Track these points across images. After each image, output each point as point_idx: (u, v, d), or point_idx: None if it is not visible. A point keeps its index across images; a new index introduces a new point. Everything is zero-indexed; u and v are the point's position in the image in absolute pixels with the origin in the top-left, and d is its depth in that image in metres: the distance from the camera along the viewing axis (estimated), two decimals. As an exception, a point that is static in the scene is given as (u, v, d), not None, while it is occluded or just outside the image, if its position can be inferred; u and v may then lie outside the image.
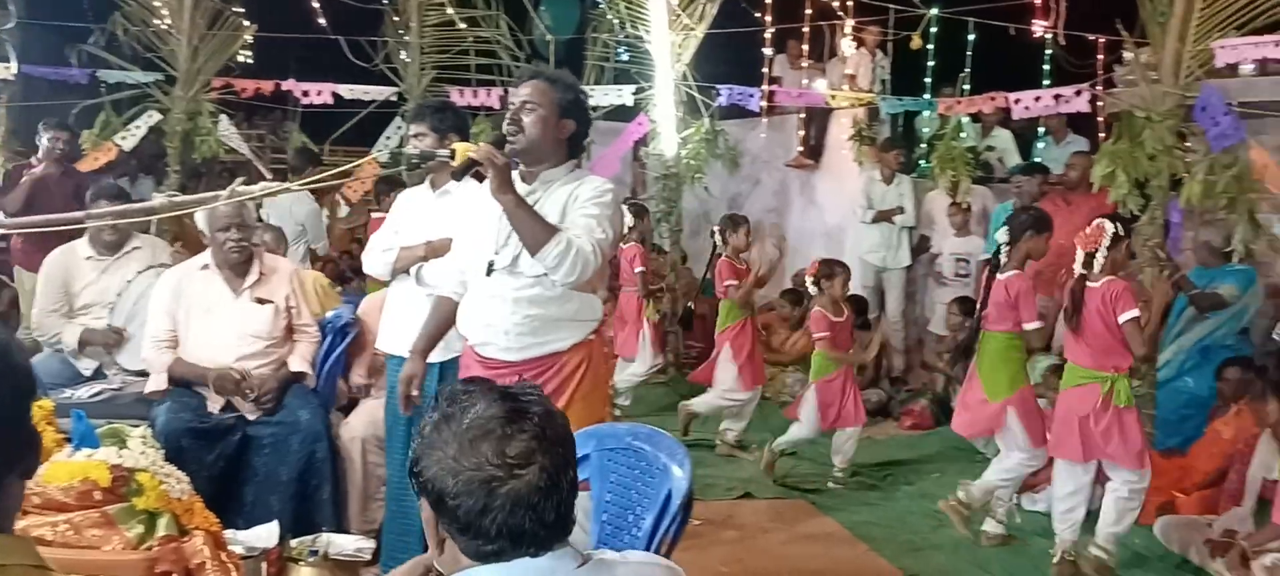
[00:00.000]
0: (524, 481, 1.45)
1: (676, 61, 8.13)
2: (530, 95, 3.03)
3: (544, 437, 1.49)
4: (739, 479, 5.72)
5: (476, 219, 3.20)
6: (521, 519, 1.46)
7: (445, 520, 1.50)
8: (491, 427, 1.47)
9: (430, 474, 1.49)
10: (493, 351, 3.12)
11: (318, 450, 4.02)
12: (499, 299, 3.09)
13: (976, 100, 7.89)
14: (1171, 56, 5.28)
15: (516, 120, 3.02)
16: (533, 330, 3.07)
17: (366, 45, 8.48)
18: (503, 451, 1.46)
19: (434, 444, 1.49)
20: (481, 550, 1.48)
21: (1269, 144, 5.68)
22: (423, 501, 1.53)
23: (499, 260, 3.07)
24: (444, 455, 1.47)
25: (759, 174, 10.13)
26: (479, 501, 1.45)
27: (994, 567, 4.60)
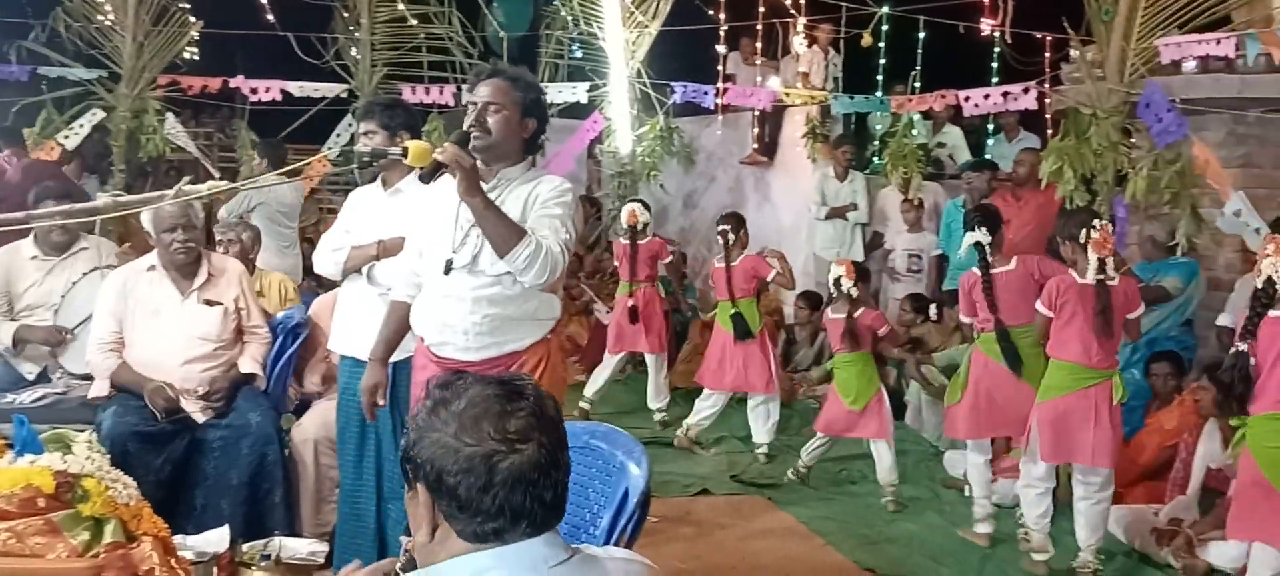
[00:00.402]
0: (525, 456, 1.48)
1: (631, 59, 8.14)
2: (493, 95, 3.02)
3: (541, 415, 1.52)
4: (697, 475, 5.74)
5: (430, 218, 3.17)
6: (522, 496, 1.47)
7: (444, 501, 1.50)
8: (490, 405, 1.50)
9: (428, 455, 1.50)
10: (450, 351, 3.10)
11: (269, 453, 3.96)
12: (457, 298, 3.07)
13: (927, 98, 7.98)
14: (1116, 54, 5.38)
15: (481, 121, 3.00)
16: (491, 329, 3.05)
17: (316, 42, 8.37)
18: (504, 427, 1.48)
19: (431, 426, 1.51)
20: (481, 529, 1.49)
21: (1210, 140, 5.82)
22: (417, 487, 1.53)
23: (458, 259, 3.05)
24: (443, 436, 1.49)
25: (714, 171, 10.17)
26: (481, 478, 1.46)
27: (947, 559, 4.66)
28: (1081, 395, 4.27)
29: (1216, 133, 6.07)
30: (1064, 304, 4.28)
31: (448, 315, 3.08)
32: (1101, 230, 4.23)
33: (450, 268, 3.05)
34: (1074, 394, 4.28)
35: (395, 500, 3.70)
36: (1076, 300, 4.25)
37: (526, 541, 1.50)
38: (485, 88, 3.04)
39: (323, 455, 4.14)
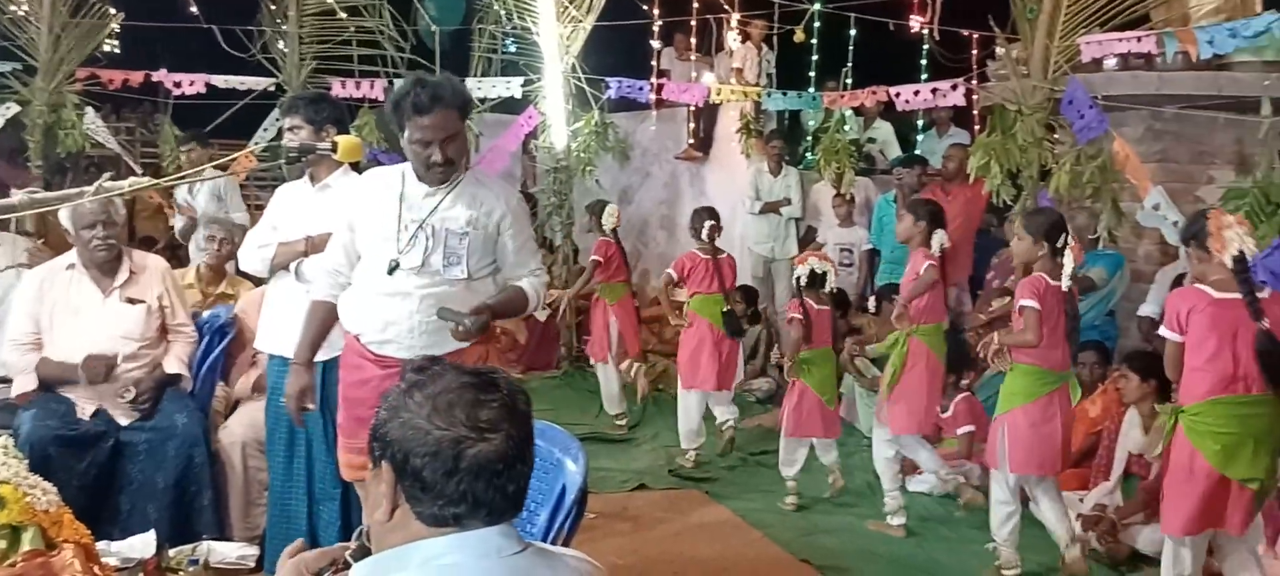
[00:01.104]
0: (493, 446, 1.49)
1: (565, 54, 8.10)
2: (448, 126, 2.97)
3: (513, 408, 1.53)
4: (634, 470, 5.74)
5: (363, 217, 3.13)
6: (485, 484, 1.49)
7: (408, 482, 1.51)
8: (464, 393, 1.52)
9: (397, 434, 1.51)
10: (393, 349, 3.07)
11: (196, 455, 3.88)
12: (402, 296, 3.05)
13: (859, 94, 8.10)
14: (1040, 52, 5.51)
15: (446, 157, 2.98)
16: (437, 327, 3.04)
17: (242, 35, 8.18)
18: (475, 416, 1.50)
19: (404, 407, 1.52)
20: (442, 513, 1.50)
21: (1130, 136, 5.99)
22: (382, 466, 1.53)
23: (406, 260, 3.04)
24: (415, 417, 1.50)
25: (649, 166, 10.19)
26: (447, 463, 1.48)
27: (881, 549, 4.73)
28: (1045, 402, 4.21)
29: (1135, 129, 6.26)
30: (1045, 307, 4.14)
31: (392, 313, 3.06)
32: (1075, 236, 4.22)
33: (395, 268, 3.04)
34: (1038, 400, 4.20)
35: (327, 501, 3.65)
36: (1055, 304, 4.16)
37: (484, 529, 1.51)
38: (435, 119, 2.94)
39: (251, 457, 4.06)
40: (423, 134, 2.96)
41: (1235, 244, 3.47)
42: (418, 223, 3.03)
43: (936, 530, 4.95)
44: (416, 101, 2.94)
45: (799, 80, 9.10)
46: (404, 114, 2.97)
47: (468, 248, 3.06)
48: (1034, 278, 4.21)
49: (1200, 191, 6.29)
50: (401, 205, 3.05)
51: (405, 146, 3.04)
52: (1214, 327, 3.55)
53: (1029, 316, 4.13)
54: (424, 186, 3.06)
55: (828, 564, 4.52)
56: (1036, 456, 4.23)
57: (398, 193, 3.07)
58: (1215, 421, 3.56)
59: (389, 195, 3.08)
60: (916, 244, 4.87)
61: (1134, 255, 6.54)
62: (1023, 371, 4.23)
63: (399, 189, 3.08)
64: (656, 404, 6.81)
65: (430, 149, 2.97)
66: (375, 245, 3.10)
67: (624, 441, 6.41)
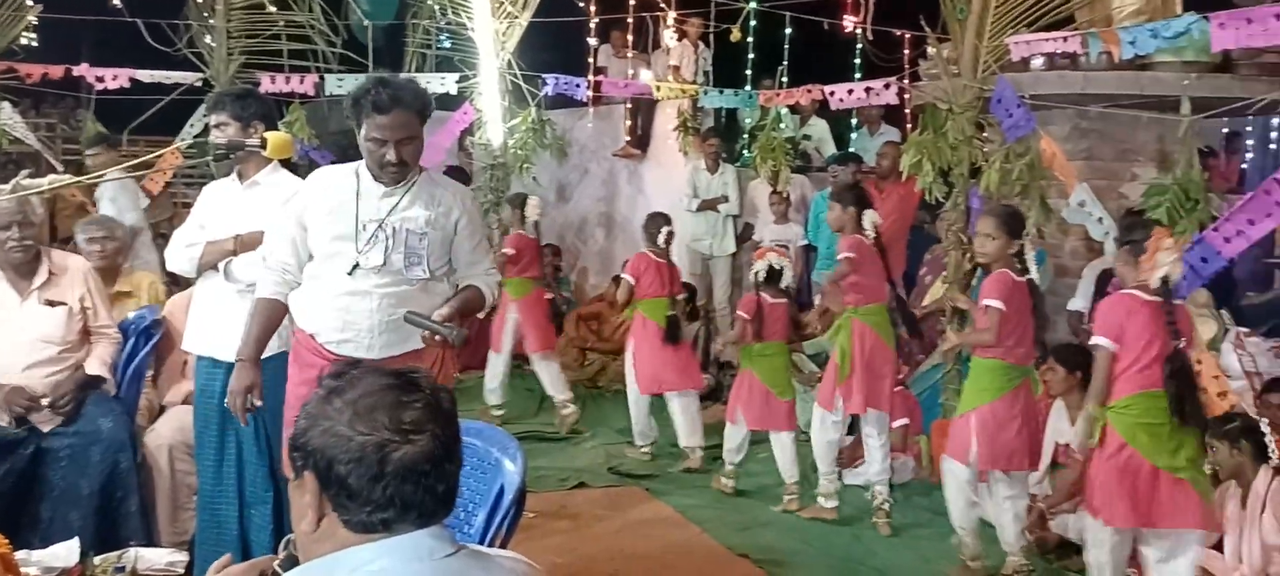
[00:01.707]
0: (418, 448, 1.47)
1: (501, 50, 8.03)
2: (405, 127, 2.99)
3: (437, 408, 1.51)
4: (573, 469, 5.73)
5: (317, 214, 3.11)
6: (413, 487, 1.47)
7: (333, 490, 1.48)
8: (385, 396, 1.49)
9: (319, 443, 1.48)
10: (352, 349, 3.07)
11: (121, 460, 3.78)
12: (362, 295, 3.06)
13: (794, 92, 8.17)
14: (970, 52, 5.60)
15: (400, 158, 2.99)
16: (397, 326, 3.06)
17: (167, 28, 7.97)
18: (398, 418, 1.47)
19: (324, 415, 1.49)
20: (370, 519, 1.47)
21: (1056, 134, 6.12)
22: (305, 476, 1.50)
23: (366, 260, 3.05)
24: (335, 424, 1.47)
25: (587, 164, 10.16)
26: (372, 468, 1.45)
27: (817, 542, 4.78)
28: (1012, 397, 4.28)
29: (1062, 127, 6.40)
30: (1013, 305, 4.20)
31: (351, 314, 3.07)
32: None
33: (355, 268, 3.05)
34: (1006, 396, 4.27)
35: (258, 505, 3.58)
36: (1020, 300, 4.22)
37: (414, 533, 1.49)
38: (393, 119, 2.95)
39: (179, 460, 3.97)
40: (380, 133, 2.97)
41: (1164, 267, 3.61)
42: (377, 223, 3.04)
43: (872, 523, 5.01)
44: (376, 100, 2.95)
45: (735, 78, 9.16)
46: (362, 111, 2.98)
47: (427, 248, 3.09)
48: (999, 275, 4.26)
49: (1124, 188, 6.46)
50: (358, 204, 3.05)
51: (360, 143, 3.05)
52: (1146, 328, 3.65)
53: (993, 316, 4.20)
54: (381, 186, 3.07)
55: (766, 558, 4.55)
56: (1005, 451, 4.29)
57: (354, 191, 3.07)
58: (1143, 413, 3.65)
59: (344, 194, 3.08)
60: (850, 230, 5.00)
61: (1061, 251, 6.69)
62: (988, 367, 4.29)
63: (354, 188, 3.08)
64: (596, 400, 6.79)
65: (385, 148, 2.98)
66: (330, 244, 3.09)
67: (563, 439, 6.39)
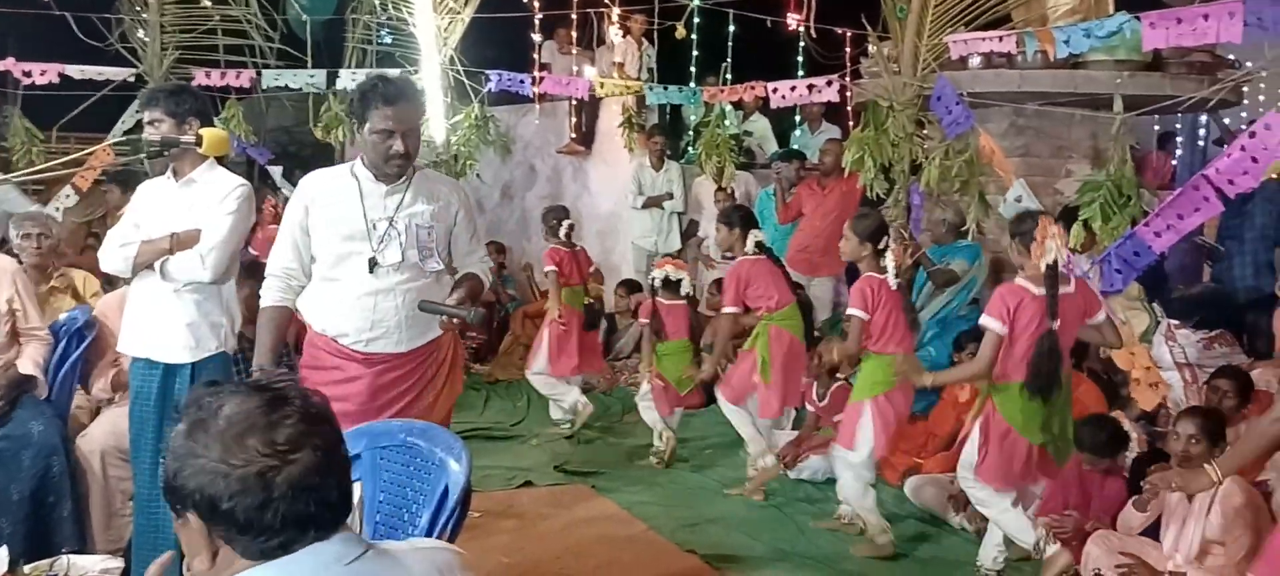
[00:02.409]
0: (300, 464, 1.41)
1: (443, 46, 7.96)
2: (411, 119, 3.16)
3: (310, 417, 1.45)
4: (519, 468, 5.70)
5: (320, 218, 3.19)
6: (305, 503, 1.41)
7: (221, 527, 1.42)
8: (254, 419, 1.41)
9: (195, 483, 1.40)
10: (382, 346, 3.20)
11: (53, 464, 3.69)
12: (387, 292, 3.18)
13: (737, 89, 8.21)
14: (910, 50, 5.69)
15: (406, 149, 3.12)
16: (422, 320, 3.20)
17: (99, 23, 7.77)
18: (272, 440, 1.40)
19: (192, 452, 1.41)
20: (266, 546, 1.42)
21: (994, 131, 6.24)
22: (187, 516, 1.43)
23: (384, 257, 3.14)
24: (207, 460, 1.40)
25: (532, 160, 10.11)
26: (257, 497, 1.39)
27: (763, 536, 4.81)
28: (903, 387, 4.53)
29: (999, 124, 6.52)
30: (880, 302, 4.49)
31: (379, 311, 3.18)
32: (903, 241, 4.54)
33: (375, 265, 3.15)
34: (900, 387, 4.52)
35: (198, 509, 3.50)
36: (889, 298, 4.50)
37: (316, 545, 1.44)
38: (401, 111, 3.09)
39: (113, 465, 3.87)
40: (388, 124, 3.08)
41: (1052, 253, 3.83)
42: (387, 220, 3.16)
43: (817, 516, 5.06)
44: (386, 92, 3.09)
45: (679, 75, 9.17)
46: (371, 104, 3.09)
47: (435, 240, 3.24)
48: (863, 280, 4.58)
49: (1059, 184, 6.60)
50: (364, 204, 3.16)
51: (363, 138, 3.15)
52: (1032, 320, 3.92)
53: (853, 325, 4.53)
54: (383, 185, 3.18)
55: (713, 553, 4.57)
56: (890, 438, 4.59)
57: (356, 192, 3.17)
58: (1028, 399, 3.97)
59: (347, 196, 3.17)
60: (738, 251, 5.26)
61: (998, 246, 6.81)
62: (881, 362, 4.51)
63: (356, 189, 3.17)
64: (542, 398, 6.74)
65: (393, 139, 3.08)
66: (341, 246, 3.18)
67: (509, 438, 6.36)
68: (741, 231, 5.24)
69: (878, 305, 4.48)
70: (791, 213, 7.35)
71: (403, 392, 3.25)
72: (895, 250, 4.56)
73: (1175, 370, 5.10)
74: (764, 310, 5.18)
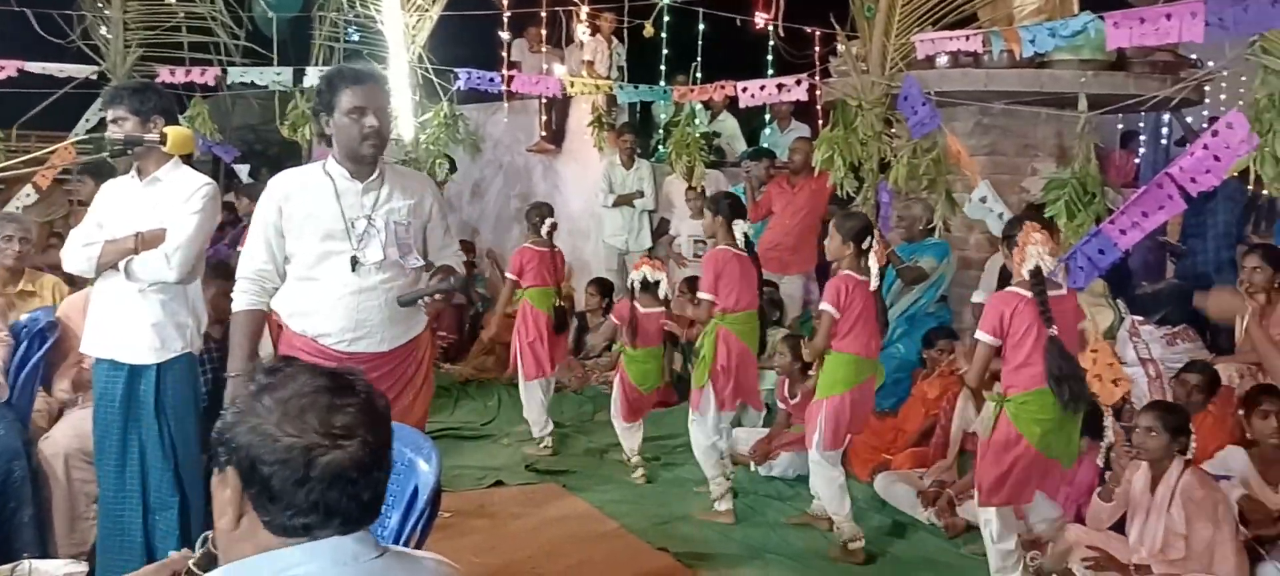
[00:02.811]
0: (347, 453, 1.43)
1: (411, 43, 7.91)
2: (381, 101, 3.14)
3: (371, 412, 1.47)
4: (490, 467, 5.68)
5: (296, 217, 3.13)
6: (339, 493, 1.43)
7: (255, 490, 1.43)
8: (319, 398, 1.44)
9: (245, 439, 1.43)
10: (365, 345, 3.17)
11: (15, 469, 3.64)
12: (371, 291, 3.15)
13: (707, 88, 8.22)
14: (878, 49, 5.72)
15: (378, 128, 3.09)
16: (403, 319, 3.21)
17: (60, 19, 7.64)
18: (329, 421, 1.43)
19: (253, 411, 1.44)
20: (290, 523, 1.43)
21: (960, 130, 6.29)
22: (227, 471, 1.45)
23: (366, 255, 3.12)
24: (264, 422, 1.42)
25: (502, 159, 10.08)
26: (297, 471, 1.41)
27: (735, 534, 4.83)
28: (862, 388, 4.53)
29: (966, 123, 6.57)
30: (853, 302, 4.45)
31: (363, 310, 3.15)
32: (879, 241, 4.51)
33: (357, 264, 3.11)
34: (857, 387, 4.50)
35: (163, 510, 3.47)
36: (863, 299, 4.46)
37: (338, 538, 1.45)
38: (368, 93, 3.08)
39: (76, 468, 3.81)
40: (359, 100, 3.06)
41: (1033, 259, 3.76)
42: (366, 218, 3.13)
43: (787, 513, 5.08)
44: (351, 74, 3.11)
45: (650, 74, 9.17)
46: (337, 88, 3.07)
47: (413, 236, 3.23)
48: (839, 278, 4.52)
49: (1025, 182, 6.66)
50: (340, 203, 3.12)
51: (334, 127, 3.10)
52: (1029, 327, 3.78)
53: (824, 321, 4.48)
54: (358, 182, 3.15)
55: (686, 551, 4.58)
56: (842, 435, 4.57)
57: (331, 191, 3.13)
58: (1039, 410, 3.79)
59: (322, 194, 3.13)
60: (721, 239, 4.99)
61: (965, 244, 6.87)
62: (843, 360, 4.50)
63: (331, 187, 3.13)
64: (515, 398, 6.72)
65: (366, 117, 3.06)
66: (319, 246, 3.13)
67: (480, 437, 6.33)
68: (726, 220, 5.00)
69: (850, 304, 4.46)
70: (761, 211, 7.38)
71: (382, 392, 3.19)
72: (878, 252, 4.51)
73: (1139, 365, 5.17)
74: (721, 308, 4.94)
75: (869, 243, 4.50)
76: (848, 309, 4.46)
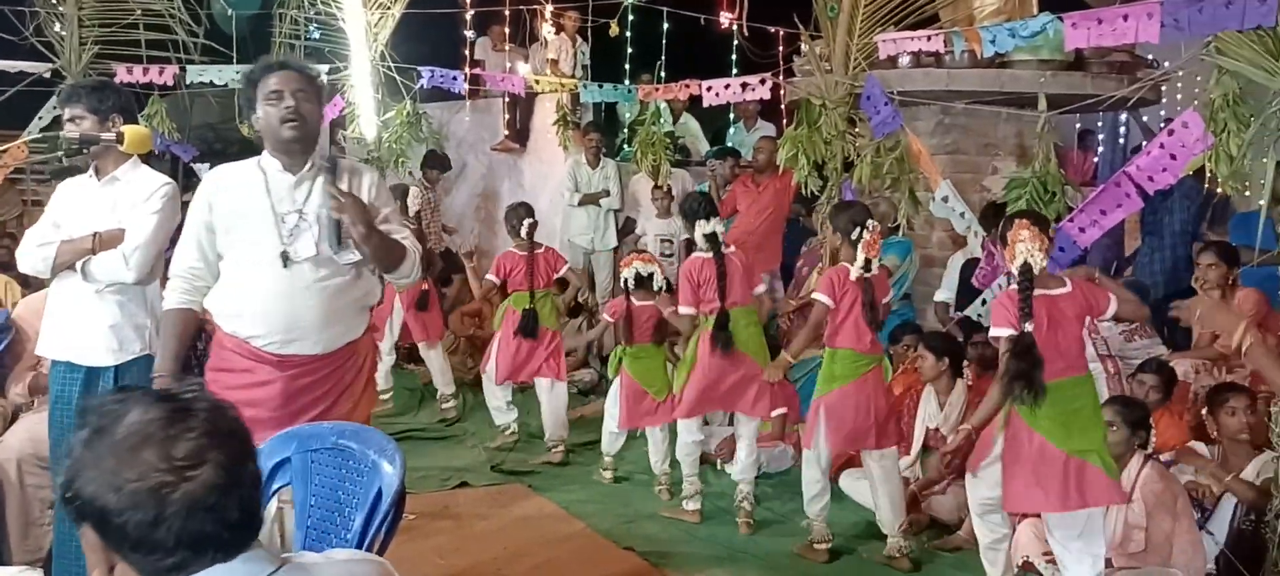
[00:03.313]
0: (198, 481, 1.34)
1: (373, 41, 7.84)
2: (301, 84, 3.00)
3: (214, 432, 1.38)
4: (454, 468, 5.65)
5: (228, 213, 3.02)
6: (201, 522, 1.34)
7: (113, 542, 1.35)
8: (151, 431, 1.35)
9: (88, 493, 1.34)
10: (300, 348, 3.00)
11: (-34, 475, 3.53)
12: (304, 290, 2.98)
13: (671, 87, 8.23)
14: (841, 49, 5.75)
15: (297, 112, 2.96)
16: (340, 319, 3.05)
17: (12, 15, 7.49)
18: (169, 454, 1.34)
19: (87, 462, 1.35)
20: (160, 566, 1.35)
21: (922, 129, 6.35)
22: (84, 527, 1.37)
23: (296, 251, 2.96)
24: (101, 471, 1.33)
25: (465, 158, 10.03)
26: (149, 513, 1.32)
27: (701, 532, 4.84)
28: (860, 382, 4.43)
29: (928, 122, 6.63)
30: (845, 294, 4.39)
31: (296, 312, 2.98)
32: (872, 232, 4.39)
33: (287, 260, 2.95)
34: (853, 382, 4.42)
35: (121, 517, 3.40)
36: (854, 291, 4.39)
37: (215, 568, 1.37)
38: (286, 78, 2.98)
39: (30, 474, 3.75)
40: (275, 84, 2.95)
41: (1022, 255, 3.65)
42: (298, 212, 2.98)
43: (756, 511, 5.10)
44: (269, 63, 3.03)
45: (614, 73, 9.17)
46: (257, 79, 2.99)
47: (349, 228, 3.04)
48: (835, 270, 4.46)
49: (987, 181, 6.74)
50: (271, 197, 2.99)
51: (259, 120, 3.01)
52: (1042, 319, 3.63)
53: (817, 310, 4.45)
54: (290, 176, 3.02)
55: (652, 549, 4.58)
56: (854, 433, 4.45)
57: (263, 185, 3.00)
58: (1049, 402, 3.61)
59: (253, 189, 3.01)
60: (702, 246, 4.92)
61: (928, 243, 6.94)
62: (840, 356, 4.44)
63: (263, 182, 3.01)
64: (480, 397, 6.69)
65: (283, 100, 2.94)
66: (248, 243, 3.00)
67: (445, 438, 6.30)
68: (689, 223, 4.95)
69: (843, 296, 4.38)
70: (726, 210, 7.39)
71: (318, 398, 3.05)
72: (867, 241, 4.36)
73: (1099, 361, 5.24)
74: (705, 313, 4.89)
75: (859, 232, 4.38)
76: (842, 300, 4.38)
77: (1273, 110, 3.86)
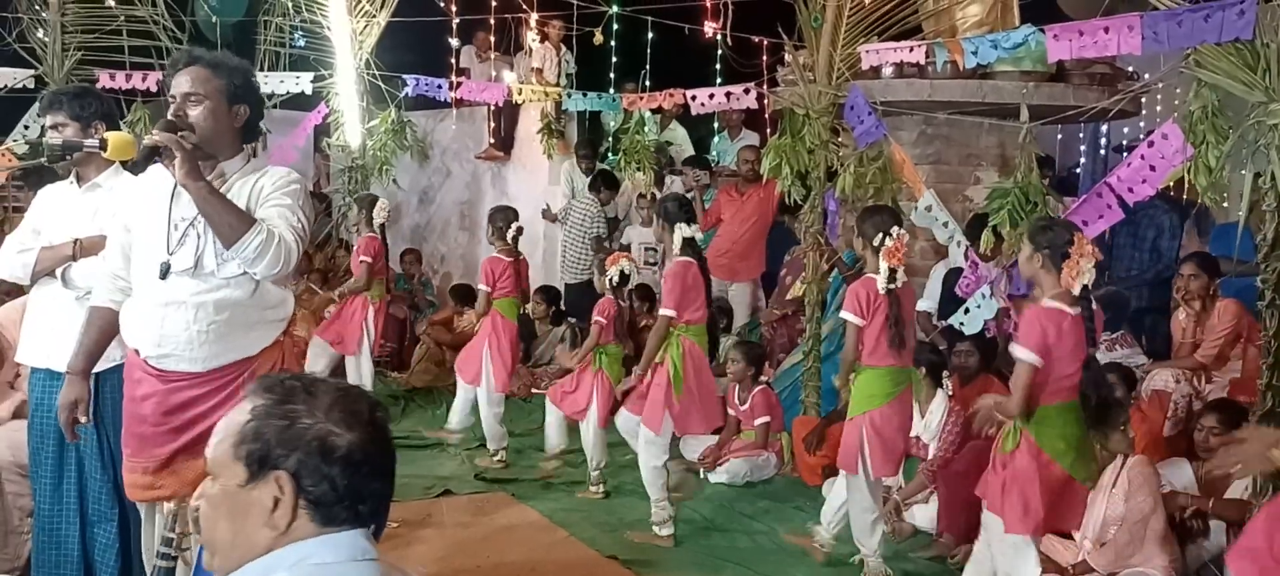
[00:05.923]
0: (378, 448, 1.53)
1: (359, 49, 7.84)
2: (192, 85, 2.77)
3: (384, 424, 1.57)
4: (437, 476, 5.63)
5: (137, 215, 2.90)
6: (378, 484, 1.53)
7: (310, 481, 1.47)
8: (357, 401, 1.54)
9: (315, 432, 1.48)
10: (174, 364, 2.82)
11: (-55, 483, 3.50)
12: (178, 305, 2.78)
13: (656, 96, 8.26)
14: (825, 59, 5.78)
15: (181, 114, 2.74)
16: (220, 336, 2.81)
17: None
18: (373, 419, 1.53)
19: (304, 411, 1.49)
20: (339, 514, 1.49)
21: (905, 139, 6.38)
22: (276, 475, 1.46)
23: (176, 261, 2.78)
24: (324, 417, 1.49)
25: (450, 165, 10.03)
26: (369, 464, 1.50)
27: (683, 540, 4.84)
28: (902, 399, 4.24)
29: (911, 133, 6.67)
30: (876, 311, 4.15)
31: (168, 325, 2.79)
32: (898, 239, 4.11)
33: (168, 271, 2.77)
34: (897, 399, 4.21)
35: (102, 524, 3.38)
36: (884, 305, 4.14)
37: (352, 531, 1.50)
38: (183, 77, 2.78)
39: (9, 482, 3.72)
40: (174, 87, 2.80)
41: (1087, 276, 3.48)
42: (188, 220, 2.78)
43: (737, 519, 5.11)
44: (174, 60, 2.86)
45: (599, 82, 9.19)
46: (166, 85, 2.86)
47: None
48: (861, 284, 4.23)
49: (969, 191, 6.78)
50: (172, 203, 2.80)
51: None
52: (1072, 343, 3.50)
53: (849, 332, 4.21)
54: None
55: (635, 559, 4.58)
56: (894, 456, 4.27)
57: (169, 190, 2.80)
58: (1064, 426, 3.54)
59: (160, 193, 2.83)
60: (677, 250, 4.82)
61: (911, 252, 6.95)
62: (877, 374, 4.20)
63: (170, 187, 2.79)
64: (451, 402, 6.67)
65: (175, 105, 2.77)
66: (143, 249, 2.85)
67: (428, 446, 6.27)
68: (669, 226, 4.81)
69: (873, 311, 4.14)
70: (710, 219, 7.42)
71: (197, 417, 2.82)
72: (889, 248, 4.08)
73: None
74: (685, 321, 4.79)
75: (882, 239, 4.11)
76: (872, 316, 4.14)
77: (1250, 122, 3.90)
